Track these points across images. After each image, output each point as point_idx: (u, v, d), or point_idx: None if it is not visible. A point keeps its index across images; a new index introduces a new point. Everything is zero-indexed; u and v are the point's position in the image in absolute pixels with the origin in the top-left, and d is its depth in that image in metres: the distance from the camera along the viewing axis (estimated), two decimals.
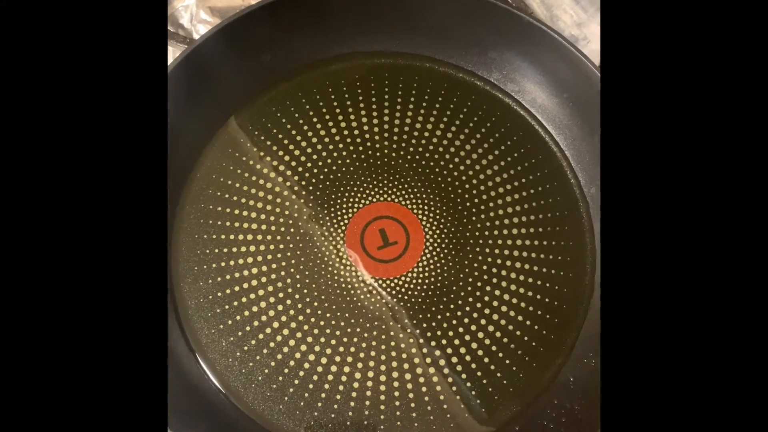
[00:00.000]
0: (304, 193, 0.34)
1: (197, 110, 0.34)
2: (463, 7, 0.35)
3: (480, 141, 0.36)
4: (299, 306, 0.32)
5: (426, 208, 0.34)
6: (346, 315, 0.32)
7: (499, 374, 0.32)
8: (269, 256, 0.33)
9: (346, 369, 0.31)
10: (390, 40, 0.37)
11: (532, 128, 0.37)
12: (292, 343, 0.31)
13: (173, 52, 0.41)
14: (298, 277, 0.33)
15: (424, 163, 0.35)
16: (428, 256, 0.33)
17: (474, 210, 0.34)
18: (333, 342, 0.32)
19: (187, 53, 0.32)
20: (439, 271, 0.33)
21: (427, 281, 0.33)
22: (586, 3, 0.44)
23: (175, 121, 0.33)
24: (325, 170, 0.35)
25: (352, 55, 0.37)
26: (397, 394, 0.31)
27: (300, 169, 0.35)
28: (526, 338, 0.32)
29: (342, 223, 0.34)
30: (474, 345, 0.32)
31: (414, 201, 0.34)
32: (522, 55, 0.36)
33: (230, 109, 0.36)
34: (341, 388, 0.31)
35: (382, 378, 0.31)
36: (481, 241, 0.34)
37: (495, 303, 0.33)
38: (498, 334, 0.32)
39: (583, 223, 0.35)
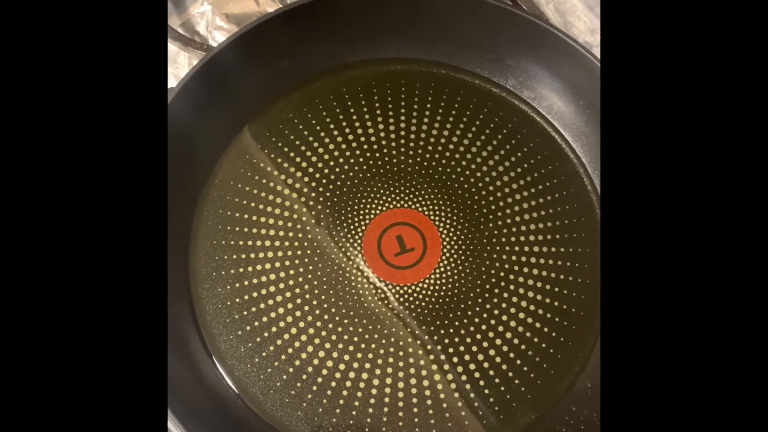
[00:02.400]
0: (321, 199, 0.34)
1: (215, 116, 0.35)
2: (479, 14, 0.35)
3: (496, 147, 0.36)
4: (317, 312, 0.32)
5: (443, 214, 0.34)
6: (364, 321, 0.32)
7: (516, 381, 0.32)
8: (287, 263, 0.33)
9: (364, 375, 0.31)
10: (406, 46, 0.38)
11: (548, 135, 0.37)
12: (310, 349, 0.31)
13: (189, 59, 0.41)
14: (315, 283, 0.33)
15: (440, 169, 0.35)
16: (445, 262, 0.33)
17: (491, 216, 0.34)
18: (351, 348, 0.32)
19: (206, 61, 0.33)
20: (456, 277, 0.33)
21: (444, 288, 0.33)
22: (599, 10, 0.44)
23: (192, 127, 0.33)
24: (342, 176, 0.35)
25: (368, 61, 0.38)
26: (414, 400, 0.31)
27: (317, 175, 0.35)
28: (543, 345, 0.32)
29: (359, 230, 0.34)
30: (491, 352, 0.32)
31: (431, 207, 0.34)
32: (538, 62, 0.36)
33: (247, 116, 0.36)
34: (359, 394, 0.31)
35: (400, 384, 0.31)
36: (497, 248, 0.34)
37: (512, 310, 0.33)
38: (515, 341, 0.32)
39: (599, 230, 0.35)
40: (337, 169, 0.35)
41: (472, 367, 0.32)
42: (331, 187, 0.35)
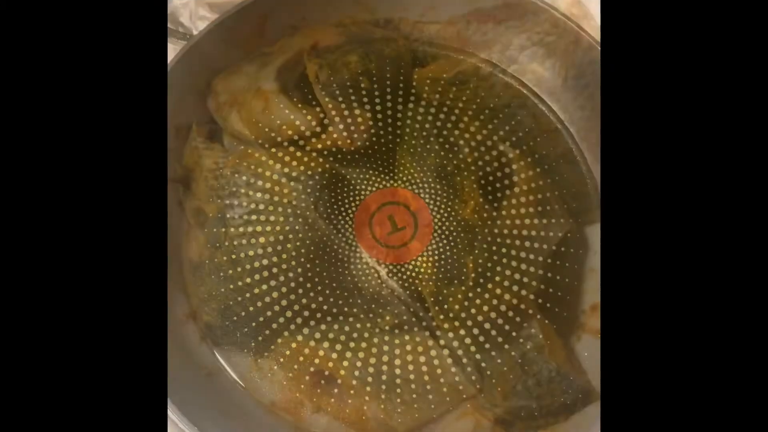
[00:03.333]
0: (311, 182, 0.34)
1: (200, 104, 0.35)
2: None
3: (484, 122, 0.36)
4: (311, 295, 0.32)
5: (432, 191, 0.34)
6: (359, 301, 0.32)
7: (513, 354, 0.32)
8: (279, 247, 0.33)
9: (361, 355, 0.31)
10: (388, 27, 0.37)
11: (536, 107, 0.36)
12: (306, 331, 0.32)
13: (174, 49, 0.41)
14: (308, 266, 0.33)
15: (428, 147, 0.35)
16: (437, 239, 0.33)
17: (480, 191, 0.34)
18: (347, 329, 0.32)
19: (187, 49, 0.33)
20: (448, 253, 0.33)
21: (437, 264, 0.33)
22: None
23: (179, 115, 0.33)
24: (331, 158, 0.35)
25: (351, 44, 0.37)
26: (412, 377, 0.31)
27: (306, 159, 0.35)
28: (538, 317, 0.32)
29: (350, 211, 0.34)
30: (487, 326, 0.32)
31: (420, 185, 0.34)
32: (522, 34, 0.36)
33: (233, 101, 0.36)
34: (356, 373, 0.31)
35: (397, 362, 0.31)
36: (489, 222, 0.34)
37: (506, 283, 0.33)
38: (510, 314, 0.32)
39: (591, 200, 0.35)
40: (326, 152, 0.35)
41: (467, 341, 0.32)
42: (320, 169, 0.35)
